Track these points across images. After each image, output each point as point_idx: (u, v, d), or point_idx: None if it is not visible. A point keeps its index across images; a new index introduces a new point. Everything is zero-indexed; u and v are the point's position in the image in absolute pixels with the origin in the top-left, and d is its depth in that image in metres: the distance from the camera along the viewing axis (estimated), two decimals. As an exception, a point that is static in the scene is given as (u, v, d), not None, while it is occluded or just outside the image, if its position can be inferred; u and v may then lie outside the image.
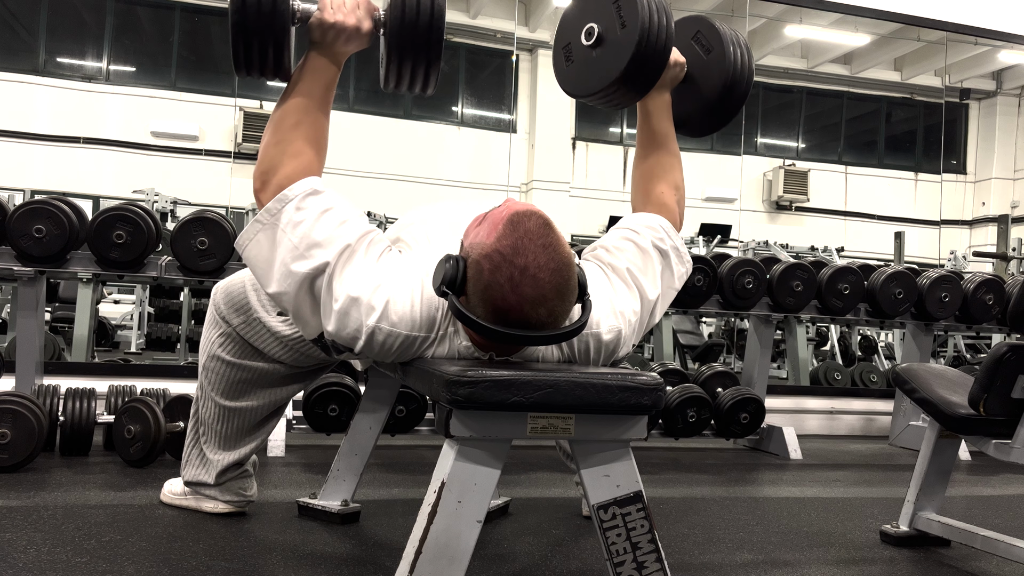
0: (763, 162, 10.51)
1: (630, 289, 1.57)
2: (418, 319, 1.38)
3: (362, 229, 1.43)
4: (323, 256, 1.38)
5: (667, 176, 1.78)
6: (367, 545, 1.98)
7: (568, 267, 1.32)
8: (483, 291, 1.30)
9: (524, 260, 1.28)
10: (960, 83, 10.58)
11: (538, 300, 1.28)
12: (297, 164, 1.46)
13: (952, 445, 2.22)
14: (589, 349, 1.49)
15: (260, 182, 1.47)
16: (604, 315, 1.49)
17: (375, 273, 1.39)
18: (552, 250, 1.30)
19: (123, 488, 2.37)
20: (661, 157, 1.79)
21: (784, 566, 1.99)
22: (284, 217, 1.41)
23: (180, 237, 2.93)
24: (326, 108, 1.53)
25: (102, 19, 9.30)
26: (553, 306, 1.30)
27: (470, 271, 1.32)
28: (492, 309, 1.30)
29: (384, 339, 1.37)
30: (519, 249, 1.28)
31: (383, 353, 1.41)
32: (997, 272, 6.47)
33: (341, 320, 1.37)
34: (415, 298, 1.39)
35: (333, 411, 3.02)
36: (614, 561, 1.28)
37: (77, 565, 1.68)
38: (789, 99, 10.95)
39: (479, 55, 9.81)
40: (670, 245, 1.65)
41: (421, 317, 1.39)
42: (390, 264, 1.42)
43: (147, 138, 8.83)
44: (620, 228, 1.67)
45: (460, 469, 1.22)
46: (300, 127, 1.49)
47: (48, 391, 2.78)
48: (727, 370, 3.83)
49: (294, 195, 1.42)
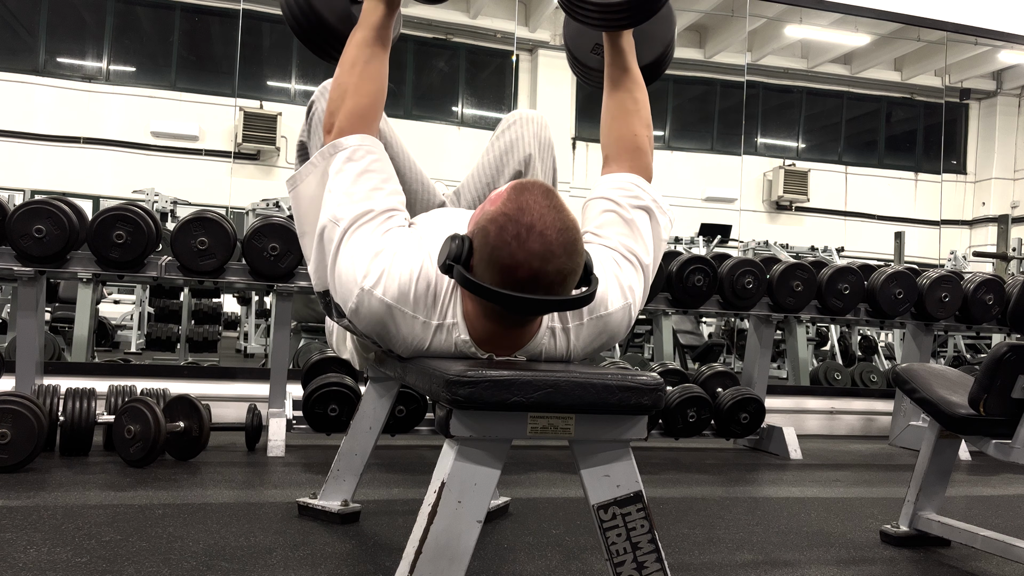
0: (763, 162, 10.51)
1: (632, 265, 1.55)
2: (411, 296, 1.37)
3: (388, 204, 1.47)
4: (343, 213, 1.44)
5: (642, 112, 1.72)
6: (367, 545, 1.98)
7: (575, 229, 1.31)
8: (490, 254, 1.28)
9: (530, 219, 1.28)
10: (960, 83, 10.58)
11: (546, 256, 1.26)
12: (355, 105, 1.54)
13: (952, 445, 2.22)
14: (595, 335, 1.48)
15: (328, 123, 1.56)
16: (613, 293, 1.49)
17: (380, 242, 1.41)
18: (558, 211, 1.30)
19: (123, 488, 2.37)
20: (635, 92, 1.71)
21: (784, 566, 1.99)
22: (333, 165, 1.50)
23: (180, 237, 2.93)
24: (383, 43, 1.60)
25: (102, 19, 9.30)
26: (562, 264, 1.28)
27: (476, 239, 1.31)
28: (500, 270, 1.28)
29: (374, 306, 1.36)
30: (524, 209, 1.28)
31: (372, 322, 1.39)
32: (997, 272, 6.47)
33: (338, 279, 1.40)
34: (414, 275, 1.38)
35: (333, 411, 3.02)
36: (614, 561, 1.28)
37: (77, 565, 1.68)
38: (789, 99, 10.95)
39: (479, 55, 9.82)
40: (650, 200, 1.62)
41: (416, 295, 1.37)
42: (397, 237, 1.43)
43: (147, 138, 8.83)
44: (597, 200, 1.62)
45: (460, 469, 1.22)
46: (356, 66, 1.57)
47: (48, 391, 2.78)
48: (727, 370, 3.83)
49: (347, 146, 1.50)
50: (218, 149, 8.89)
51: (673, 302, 3.54)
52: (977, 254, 7.62)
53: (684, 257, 3.54)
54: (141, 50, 9.55)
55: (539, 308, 1.32)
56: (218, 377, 3.88)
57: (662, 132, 10.79)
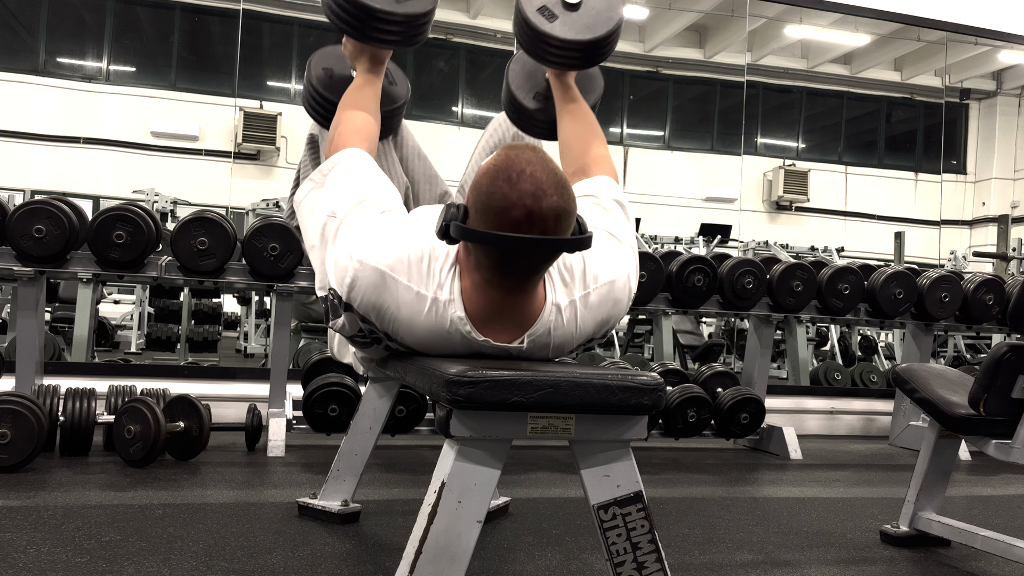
0: (763, 162, 10.50)
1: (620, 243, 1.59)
2: (405, 261, 1.38)
3: (382, 196, 1.52)
4: (339, 206, 1.49)
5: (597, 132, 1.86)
6: (367, 545, 1.98)
7: (565, 176, 1.36)
8: (484, 201, 1.31)
9: (520, 165, 1.32)
10: (960, 83, 10.57)
11: (538, 193, 1.29)
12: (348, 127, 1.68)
13: (952, 445, 2.22)
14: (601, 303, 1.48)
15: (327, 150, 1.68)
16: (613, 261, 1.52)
17: (375, 221, 1.45)
18: (547, 161, 1.35)
19: (123, 488, 2.37)
20: (588, 117, 1.87)
21: (784, 566, 1.99)
22: (331, 177, 1.57)
23: (180, 237, 2.93)
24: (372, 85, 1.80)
25: (102, 19, 9.30)
26: (554, 202, 1.30)
27: (470, 196, 1.34)
28: (495, 214, 1.30)
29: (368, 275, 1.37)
30: (514, 159, 1.33)
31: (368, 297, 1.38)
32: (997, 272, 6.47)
33: (335, 261, 1.42)
34: (407, 242, 1.40)
35: (333, 411, 3.02)
36: (614, 561, 1.28)
37: (77, 565, 1.68)
38: (789, 99, 10.94)
39: (479, 55, 9.81)
40: (622, 196, 1.71)
41: (409, 262, 1.38)
42: (392, 218, 1.48)
43: (147, 138, 8.82)
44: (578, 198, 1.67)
45: (460, 469, 1.22)
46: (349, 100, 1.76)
47: (48, 391, 2.79)
48: (727, 370, 3.83)
49: (342, 159, 1.59)
50: (218, 149, 8.88)
51: (673, 302, 3.54)
52: (977, 254, 7.62)
53: (684, 257, 3.54)
54: (141, 50, 9.55)
55: (536, 247, 1.32)
56: (218, 377, 3.88)
57: (662, 132, 10.79)
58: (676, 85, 10.62)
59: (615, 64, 9.95)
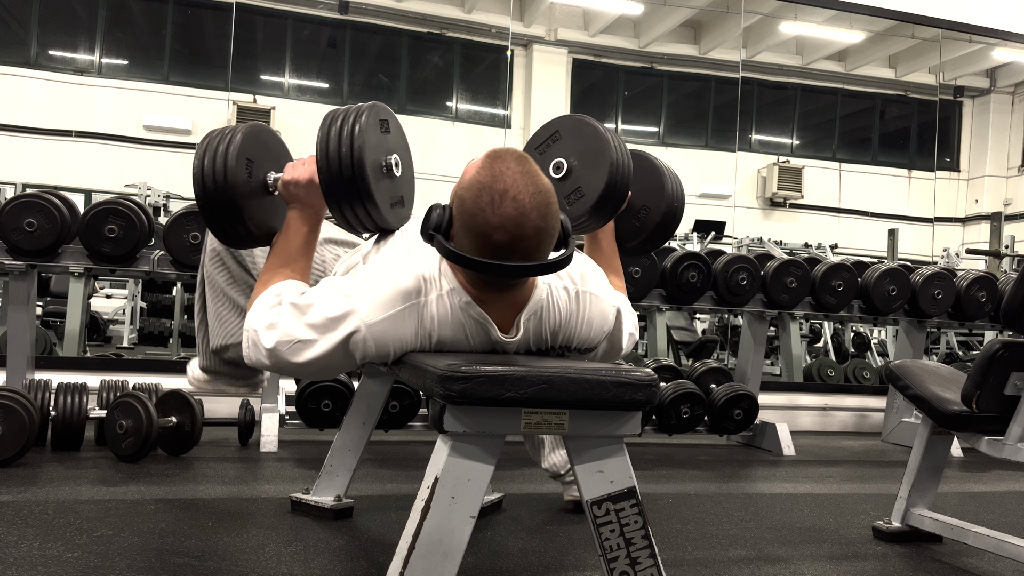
0: (757, 159, 10.51)
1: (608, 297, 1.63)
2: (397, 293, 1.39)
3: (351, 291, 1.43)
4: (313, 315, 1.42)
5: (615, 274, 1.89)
6: (360, 541, 1.98)
7: (549, 192, 1.36)
8: (467, 221, 1.33)
9: (503, 185, 1.32)
10: (954, 80, 10.60)
11: (520, 220, 1.31)
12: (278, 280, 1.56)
13: (944, 442, 2.23)
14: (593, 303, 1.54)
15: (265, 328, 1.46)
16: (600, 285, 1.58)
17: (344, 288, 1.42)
18: (531, 176, 1.34)
19: (115, 483, 2.36)
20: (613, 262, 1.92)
21: (777, 562, 2.00)
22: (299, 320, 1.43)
23: (173, 231, 2.91)
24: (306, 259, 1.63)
25: (94, 12, 9.24)
26: (536, 227, 1.32)
27: (454, 207, 1.36)
28: (476, 237, 1.32)
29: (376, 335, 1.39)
30: (498, 176, 1.33)
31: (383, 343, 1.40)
32: (990, 269, 6.49)
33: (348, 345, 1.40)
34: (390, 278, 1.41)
35: (326, 406, 3.02)
36: (607, 557, 1.28)
37: (68, 560, 1.67)
38: (783, 96, 10.95)
39: (473, 50, 9.79)
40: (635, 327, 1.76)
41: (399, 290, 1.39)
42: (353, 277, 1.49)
43: (140, 132, 8.77)
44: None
45: (454, 465, 1.22)
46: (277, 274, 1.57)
47: (39, 386, 2.77)
48: (721, 366, 3.84)
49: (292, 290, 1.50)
50: (211, 143, 8.83)
51: (667, 298, 3.54)
52: (970, 251, 7.65)
53: (678, 253, 3.54)
54: (134, 43, 9.49)
55: (516, 273, 1.36)
56: (211, 372, 3.85)
57: (656, 128, 10.79)
58: (671, 81, 10.61)
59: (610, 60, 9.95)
